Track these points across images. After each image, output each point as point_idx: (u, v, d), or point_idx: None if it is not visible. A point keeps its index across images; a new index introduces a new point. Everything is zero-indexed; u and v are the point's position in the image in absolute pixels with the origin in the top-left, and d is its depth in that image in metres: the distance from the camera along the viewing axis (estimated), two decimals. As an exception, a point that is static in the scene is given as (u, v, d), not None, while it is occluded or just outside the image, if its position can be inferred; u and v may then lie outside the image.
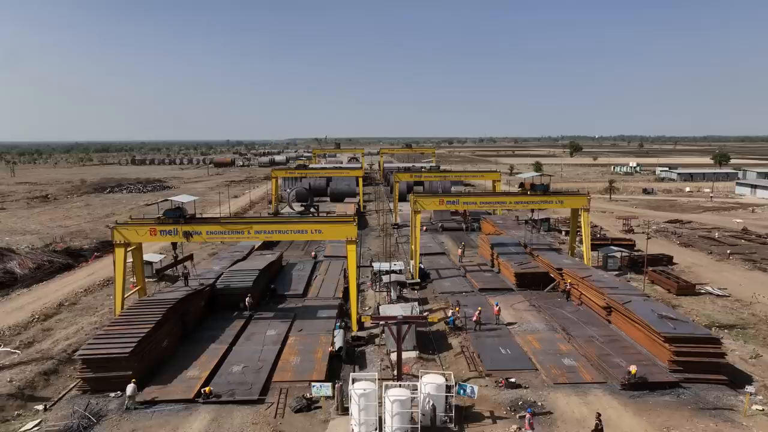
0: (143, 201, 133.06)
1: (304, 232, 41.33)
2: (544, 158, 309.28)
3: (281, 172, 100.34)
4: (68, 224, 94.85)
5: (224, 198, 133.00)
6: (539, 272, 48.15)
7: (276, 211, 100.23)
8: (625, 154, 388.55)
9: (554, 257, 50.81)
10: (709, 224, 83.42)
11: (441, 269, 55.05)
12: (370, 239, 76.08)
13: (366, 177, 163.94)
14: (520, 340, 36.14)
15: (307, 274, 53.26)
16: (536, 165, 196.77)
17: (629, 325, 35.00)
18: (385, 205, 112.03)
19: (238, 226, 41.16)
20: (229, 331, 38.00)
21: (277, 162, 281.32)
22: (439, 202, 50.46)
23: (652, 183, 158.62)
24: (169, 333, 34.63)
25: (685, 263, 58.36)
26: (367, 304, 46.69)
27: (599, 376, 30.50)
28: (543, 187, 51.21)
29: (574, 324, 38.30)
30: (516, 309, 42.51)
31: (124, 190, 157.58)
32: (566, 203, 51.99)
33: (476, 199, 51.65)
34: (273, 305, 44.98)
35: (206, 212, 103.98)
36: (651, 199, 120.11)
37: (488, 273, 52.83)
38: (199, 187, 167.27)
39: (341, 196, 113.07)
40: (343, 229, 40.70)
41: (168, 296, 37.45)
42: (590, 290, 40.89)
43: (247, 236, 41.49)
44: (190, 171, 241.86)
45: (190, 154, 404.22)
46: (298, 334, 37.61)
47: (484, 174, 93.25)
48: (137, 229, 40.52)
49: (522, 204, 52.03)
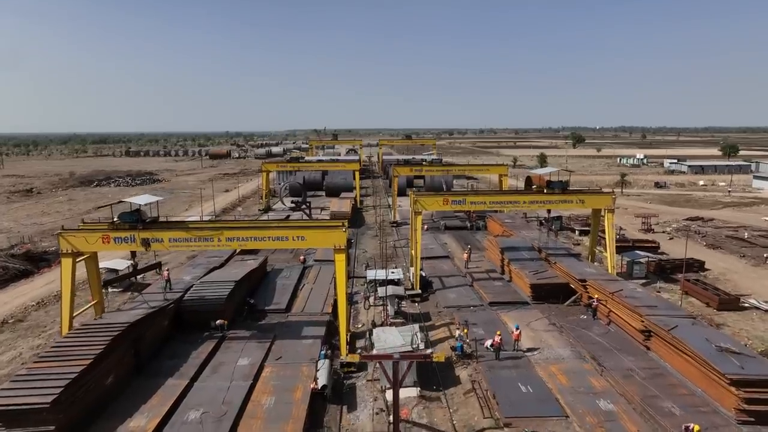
0: (130, 195, 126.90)
1: (284, 239, 34.94)
2: (546, 150, 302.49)
3: (273, 166, 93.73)
4: (44, 221, 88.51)
5: (215, 191, 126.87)
6: (558, 283, 41.85)
7: (267, 207, 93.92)
8: (629, 145, 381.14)
9: (574, 265, 44.48)
10: (733, 222, 77.06)
11: (445, 276, 48.79)
12: (366, 239, 69.78)
13: (364, 170, 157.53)
14: (542, 372, 29.92)
15: (293, 283, 46.94)
16: (541, 157, 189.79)
17: (676, 356, 28.75)
18: (384, 200, 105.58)
19: (206, 232, 34.79)
20: (193, 359, 31.75)
21: (273, 154, 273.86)
22: (443, 201, 44.03)
23: (662, 176, 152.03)
24: (117, 365, 28.42)
25: (717, 269, 52.06)
26: (360, 321, 40.53)
27: (647, 428, 24.27)
28: (561, 184, 44.79)
29: (606, 351, 32.06)
30: (534, 329, 36.25)
31: (112, 183, 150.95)
32: (588, 203, 45.53)
33: (485, 198, 45.17)
34: (251, 322, 38.74)
35: (192, 208, 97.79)
36: (664, 194, 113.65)
37: (498, 282, 46.53)
38: (191, 180, 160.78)
39: (337, 191, 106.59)
40: (330, 235, 34.38)
41: (118, 319, 31.11)
42: (623, 309, 34.61)
43: (217, 244, 35.14)
44: (184, 163, 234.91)
45: (186, 145, 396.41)
46: (275, 363, 31.38)
47: (489, 168, 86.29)
48: (87, 236, 34.15)
49: (538, 204, 45.54)
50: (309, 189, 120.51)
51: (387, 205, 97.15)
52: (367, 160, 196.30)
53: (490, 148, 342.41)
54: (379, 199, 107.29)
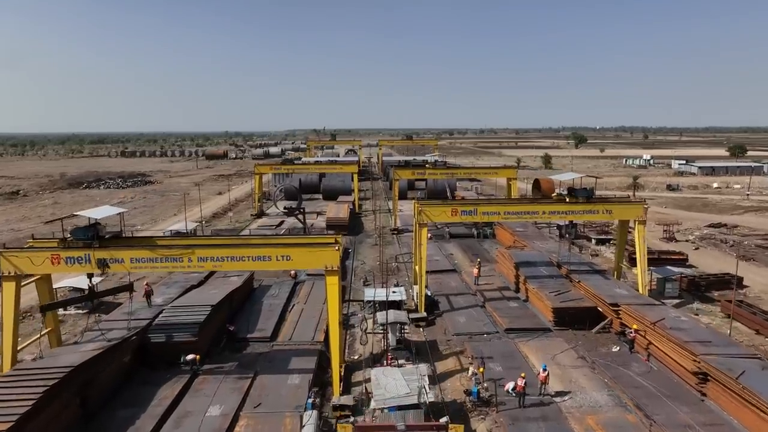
0: (118, 198, 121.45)
1: (266, 259, 29.53)
2: (548, 150, 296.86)
3: (266, 168, 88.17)
4: (22, 227, 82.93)
5: (207, 194, 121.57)
6: (584, 307, 36.44)
7: (260, 212, 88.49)
8: (632, 145, 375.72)
9: (601, 284, 39.08)
10: (759, 229, 71.68)
11: (452, 295, 43.38)
12: (365, 248, 64.38)
13: (363, 171, 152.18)
14: (577, 425, 24.51)
15: (282, 303, 41.48)
16: (545, 158, 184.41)
17: (746, 410, 23.34)
18: (384, 204, 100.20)
19: (174, 251, 29.38)
20: (154, 407, 26.32)
21: (271, 154, 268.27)
22: (451, 212, 38.57)
23: (672, 177, 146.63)
24: (55, 420, 23.04)
25: (757, 286, 46.71)
26: (357, 350, 35.14)
27: None
28: (586, 192, 39.37)
29: (651, 398, 26.66)
30: (561, 365, 30.86)
31: (102, 185, 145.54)
32: (616, 213, 40.09)
33: (499, 207, 39.72)
34: (229, 354, 33.34)
35: (182, 212, 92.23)
36: (678, 197, 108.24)
37: (513, 303, 41.12)
38: (184, 181, 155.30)
39: (335, 194, 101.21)
40: (321, 255, 29.01)
41: (61, 361, 25.67)
42: (668, 343, 29.20)
43: (187, 265, 29.77)
44: (179, 164, 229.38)
45: (184, 145, 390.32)
46: (252, 413, 25.96)
47: (498, 171, 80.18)
48: (32, 256, 28.80)
49: (559, 215, 40.11)
50: (306, 192, 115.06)
51: (387, 209, 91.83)
52: (367, 161, 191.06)
53: (492, 149, 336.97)
54: (378, 202, 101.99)
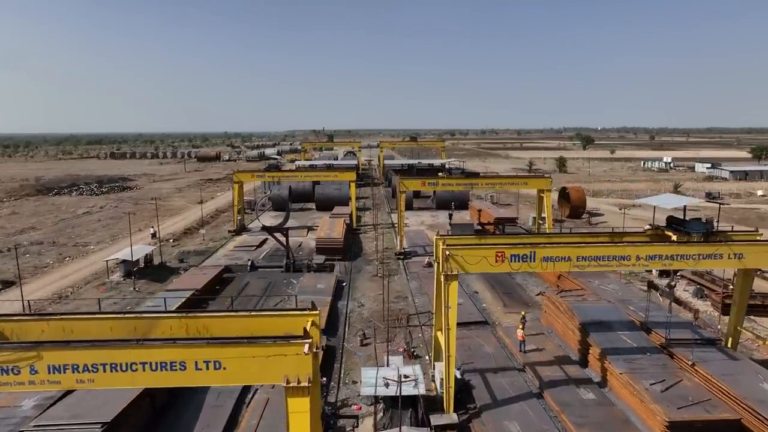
0: (87, 207, 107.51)
1: (179, 368, 15.84)
2: (555, 151, 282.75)
3: (246, 176, 74.02)
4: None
5: (187, 202, 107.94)
6: (721, 421, 22.50)
7: (240, 227, 74.40)
8: (640, 146, 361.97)
9: (731, 370, 25.23)
10: None
11: (490, 371, 29.47)
12: (363, 280, 50.61)
13: (363, 175, 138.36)
14: None
15: (236, 394, 27.60)
16: (559, 160, 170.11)
17: None
18: (386, 216, 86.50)
19: (6, 355, 15.65)
20: None
21: (267, 156, 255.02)
22: (496, 257, 24.74)
23: (702, 183, 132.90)
24: None
25: None
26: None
27: None
28: (702, 226, 25.56)
29: None
30: None
31: (74, 191, 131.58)
32: (749, 259, 26.00)
33: (570, 251, 25.36)
34: None
35: (147, 228, 78.35)
36: (726, 208, 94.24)
37: (586, 390, 27.13)
38: (167, 187, 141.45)
39: (330, 204, 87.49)
40: (281, 362, 15.41)
41: None
42: None
43: (28, 384, 16.02)
44: (168, 166, 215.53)
45: (181, 146, 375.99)
46: None
47: (527, 180, 64.18)
48: None
49: (663, 261, 25.86)
50: (298, 200, 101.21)
51: (390, 223, 78.06)
52: (367, 164, 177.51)
53: (496, 150, 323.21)
54: (380, 211, 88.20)
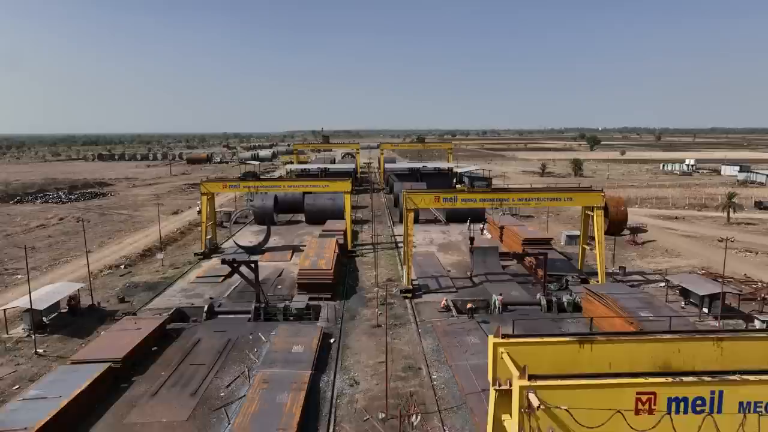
0: (45, 218, 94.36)
1: None
2: (562, 152, 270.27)
3: (217, 186, 60.43)
4: None
5: (163, 211, 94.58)
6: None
7: (211, 248, 60.16)
8: (648, 147, 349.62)
9: None
10: None
11: None
12: (358, 335, 37.26)
13: (362, 179, 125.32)
14: None
15: None
16: (574, 163, 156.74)
17: None
18: (387, 229, 73.45)
19: None
20: None
21: (261, 157, 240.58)
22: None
23: (737, 188, 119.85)
24: None
25: None
26: None
27: None
28: None
29: None
30: None
31: (39, 198, 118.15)
32: None
33: None
34: None
35: (108, 245, 65.21)
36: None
37: None
38: (145, 193, 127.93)
39: (322, 216, 74.32)
40: None
41: None
42: None
43: None
44: (154, 169, 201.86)
45: (178, 147, 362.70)
46: None
47: (573, 195, 45.32)
48: None
49: None
50: (287, 211, 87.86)
51: (393, 243, 64.85)
52: (366, 167, 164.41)
53: (500, 151, 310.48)
54: (380, 225, 74.90)
